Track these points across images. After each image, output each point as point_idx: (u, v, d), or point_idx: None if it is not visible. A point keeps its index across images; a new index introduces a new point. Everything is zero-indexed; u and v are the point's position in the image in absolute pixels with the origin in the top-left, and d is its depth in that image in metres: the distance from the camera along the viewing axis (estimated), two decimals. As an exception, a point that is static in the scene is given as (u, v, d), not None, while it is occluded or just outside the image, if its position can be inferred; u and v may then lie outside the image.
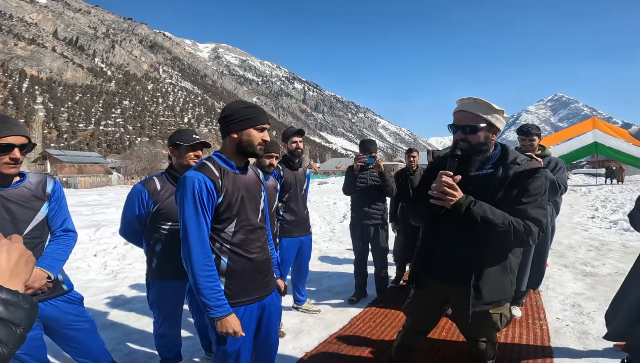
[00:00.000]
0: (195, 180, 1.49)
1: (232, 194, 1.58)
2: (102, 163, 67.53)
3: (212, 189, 1.52)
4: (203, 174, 1.52)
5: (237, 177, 1.63)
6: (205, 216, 1.52)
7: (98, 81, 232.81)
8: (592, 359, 2.56)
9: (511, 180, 1.61)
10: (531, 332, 3.00)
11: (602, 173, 28.46)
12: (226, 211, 1.57)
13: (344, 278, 4.62)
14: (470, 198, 1.58)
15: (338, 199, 13.77)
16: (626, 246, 6.23)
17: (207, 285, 1.48)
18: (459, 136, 1.66)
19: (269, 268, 1.76)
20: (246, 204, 1.64)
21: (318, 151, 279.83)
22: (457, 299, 1.80)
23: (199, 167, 1.56)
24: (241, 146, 1.60)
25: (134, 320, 3.41)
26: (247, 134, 1.59)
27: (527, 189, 1.61)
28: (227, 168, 1.61)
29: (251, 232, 1.66)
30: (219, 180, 1.55)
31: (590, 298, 3.74)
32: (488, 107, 1.64)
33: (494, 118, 1.64)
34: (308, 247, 3.48)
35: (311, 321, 3.33)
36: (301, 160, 3.39)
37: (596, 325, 3.06)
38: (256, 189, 1.73)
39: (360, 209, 3.77)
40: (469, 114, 1.65)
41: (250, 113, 1.59)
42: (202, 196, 1.50)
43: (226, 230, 1.59)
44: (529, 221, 1.58)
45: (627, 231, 7.44)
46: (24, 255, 0.72)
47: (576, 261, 5.26)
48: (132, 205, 2.12)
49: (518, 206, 1.60)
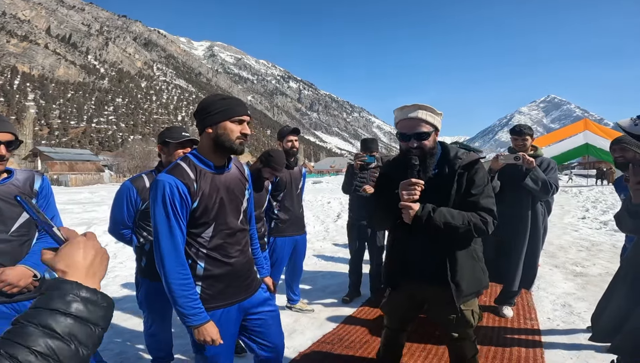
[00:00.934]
0: (166, 185, 1.39)
1: (210, 197, 1.48)
2: (93, 160, 66.88)
3: (185, 194, 1.42)
4: (175, 178, 1.41)
5: (216, 178, 1.52)
6: (178, 222, 1.42)
7: (91, 78, 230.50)
8: (582, 359, 2.59)
9: (458, 175, 1.70)
10: (522, 331, 3.02)
11: (592, 174, 28.83)
12: (203, 215, 1.48)
13: (338, 278, 4.61)
14: (427, 207, 1.63)
15: (332, 199, 13.76)
16: (616, 246, 6.27)
17: (181, 293, 1.41)
18: (413, 144, 1.70)
19: (250, 270, 1.68)
20: (226, 207, 1.53)
21: (312, 151, 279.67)
22: (433, 298, 1.84)
23: (172, 169, 1.45)
24: (218, 142, 1.47)
25: (125, 319, 3.36)
26: (222, 127, 1.46)
27: (474, 181, 1.71)
28: (204, 168, 1.50)
29: (230, 236, 1.56)
30: (194, 183, 1.44)
31: (581, 299, 3.77)
32: (433, 112, 1.71)
33: (437, 121, 1.72)
34: (303, 246, 3.47)
35: (305, 320, 3.31)
36: (297, 159, 3.37)
37: (586, 325, 3.07)
38: (238, 189, 1.62)
39: (359, 210, 3.76)
40: (419, 121, 1.69)
41: (225, 105, 1.47)
42: (174, 202, 1.40)
43: (203, 234, 1.50)
44: (482, 212, 1.69)
45: (617, 232, 7.53)
46: (99, 252, 0.72)
47: (567, 262, 5.30)
48: (120, 203, 2.08)
49: (470, 199, 1.70)
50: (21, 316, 0.60)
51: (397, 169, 1.81)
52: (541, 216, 3.23)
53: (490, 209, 1.71)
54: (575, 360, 2.57)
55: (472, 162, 1.73)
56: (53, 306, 0.60)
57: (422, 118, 1.68)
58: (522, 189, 3.09)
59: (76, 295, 0.63)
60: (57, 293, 0.62)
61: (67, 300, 0.62)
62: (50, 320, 0.59)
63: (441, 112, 1.74)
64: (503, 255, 3.19)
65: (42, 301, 0.61)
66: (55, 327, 0.59)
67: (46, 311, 0.60)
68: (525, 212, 3.13)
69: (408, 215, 1.63)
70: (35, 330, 0.58)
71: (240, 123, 1.49)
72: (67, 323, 0.60)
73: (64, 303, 0.61)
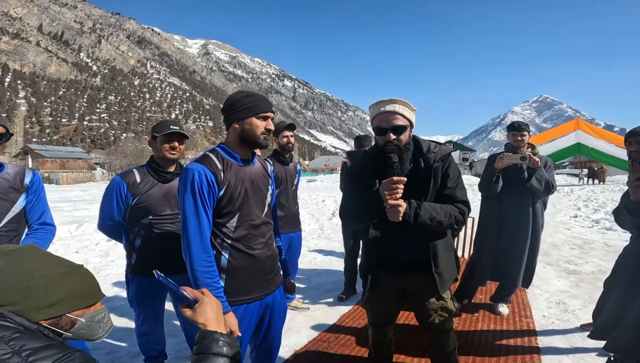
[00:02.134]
0: (195, 172, 1.45)
1: (235, 187, 1.53)
2: (85, 158, 66.21)
3: (212, 182, 1.47)
4: (204, 166, 1.47)
5: (241, 169, 1.58)
6: (206, 209, 1.47)
7: (83, 75, 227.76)
8: (577, 356, 2.59)
9: (434, 169, 1.71)
10: (518, 329, 3.03)
11: (583, 173, 29.20)
12: (228, 204, 1.52)
13: (333, 276, 4.59)
14: (413, 204, 1.63)
15: (327, 197, 13.76)
16: (608, 244, 6.37)
17: (205, 281, 1.43)
18: (390, 137, 1.68)
19: (274, 265, 1.70)
20: (250, 198, 1.58)
21: (307, 149, 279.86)
22: (414, 290, 1.85)
23: (201, 159, 1.52)
24: (243, 136, 1.55)
25: (117, 318, 3.31)
26: (248, 123, 1.54)
27: (449, 174, 1.74)
28: (231, 160, 1.56)
29: (254, 228, 1.59)
30: (221, 172, 1.50)
31: (575, 296, 3.80)
32: (409, 107, 1.71)
33: (412, 117, 1.73)
34: (298, 244, 3.44)
35: (300, 319, 3.29)
36: (292, 155, 3.34)
37: (580, 324, 3.09)
38: (262, 183, 1.66)
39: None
40: (396, 115, 1.68)
41: (250, 102, 1.54)
42: (202, 189, 1.45)
43: (228, 224, 1.54)
44: (459, 204, 1.72)
45: (608, 230, 7.62)
46: (218, 305, 0.98)
47: (560, 260, 5.35)
48: (110, 198, 2.03)
49: (445, 192, 1.73)
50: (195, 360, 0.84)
51: (371, 164, 1.79)
52: (540, 214, 3.24)
53: (465, 201, 1.75)
54: (571, 358, 2.58)
55: (445, 155, 1.76)
56: (214, 350, 0.85)
57: (398, 111, 1.68)
58: (522, 188, 3.09)
59: (223, 340, 0.87)
60: (211, 341, 0.86)
61: (220, 345, 0.86)
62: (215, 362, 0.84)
63: (415, 109, 1.75)
64: (505, 255, 3.20)
65: (204, 347, 0.86)
66: None
67: (211, 355, 0.84)
68: (526, 211, 3.14)
69: (397, 214, 1.61)
70: None
71: (264, 119, 1.56)
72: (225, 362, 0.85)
73: (219, 347, 0.86)
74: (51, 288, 0.86)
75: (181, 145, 2.11)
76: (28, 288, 0.83)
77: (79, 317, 0.91)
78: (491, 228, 3.26)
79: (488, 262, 3.27)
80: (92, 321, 0.95)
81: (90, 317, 0.94)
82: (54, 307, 0.86)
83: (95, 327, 0.95)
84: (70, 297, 0.89)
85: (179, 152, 2.11)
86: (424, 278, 1.76)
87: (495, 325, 3.10)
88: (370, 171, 1.79)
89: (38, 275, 0.85)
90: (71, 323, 0.90)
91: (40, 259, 0.89)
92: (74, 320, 0.91)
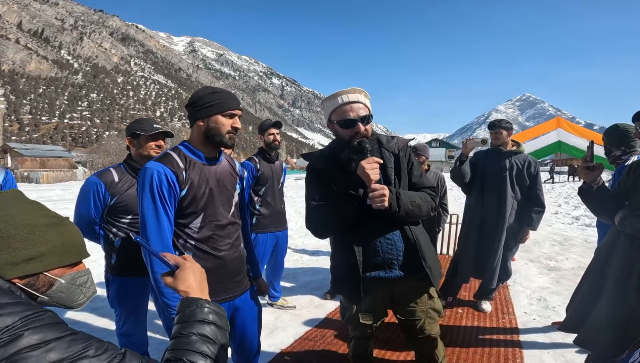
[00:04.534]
0: (154, 171, 1.39)
1: (199, 187, 1.47)
2: (66, 156, 64.60)
3: (173, 182, 1.41)
4: (164, 166, 1.41)
5: (206, 168, 1.52)
6: (166, 209, 1.40)
7: (64, 73, 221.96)
8: (557, 352, 2.64)
9: (400, 157, 1.66)
10: (501, 326, 3.07)
11: (565, 170, 29.93)
12: (191, 204, 1.46)
13: (320, 274, 4.59)
14: (392, 189, 1.54)
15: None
16: (588, 241, 6.52)
17: None
18: (360, 128, 1.57)
19: (241, 267, 1.63)
20: (215, 198, 1.52)
21: (295, 147, 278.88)
22: (404, 293, 1.69)
23: (161, 158, 1.45)
24: (208, 135, 1.48)
25: (97, 319, 3.24)
26: (213, 121, 1.46)
27: (412, 162, 1.70)
28: (194, 158, 1.50)
29: (220, 228, 1.53)
30: (183, 171, 1.43)
31: (555, 293, 3.87)
32: (367, 97, 1.64)
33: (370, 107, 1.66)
34: (284, 242, 3.42)
35: (286, 317, 3.27)
36: (278, 153, 3.32)
37: (561, 320, 3.15)
38: (229, 182, 1.60)
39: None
40: (361, 105, 1.59)
41: (217, 98, 1.46)
42: (161, 189, 1.38)
43: (191, 225, 1.47)
44: (428, 190, 1.68)
45: (588, 227, 7.82)
46: (201, 272, 0.89)
47: (541, 256, 5.45)
48: (86, 199, 1.96)
49: (414, 180, 1.68)
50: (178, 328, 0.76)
51: (331, 163, 1.65)
52: (514, 211, 3.24)
53: (433, 187, 1.71)
54: (552, 354, 2.62)
55: (405, 144, 1.71)
56: (198, 317, 0.77)
57: (362, 101, 1.59)
58: (500, 186, 3.15)
59: (209, 307, 0.79)
60: (195, 308, 0.78)
61: (205, 312, 0.78)
62: (202, 330, 0.76)
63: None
64: (484, 253, 3.23)
65: (187, 315, 0.78)
66: (208, 334, 0.76)
67: (195, 323, 0.76)
68: (503, 208, 3.17)
69: (382, 200, 1.48)
70: (197, 338, 0.75)
71: (231, 117, 1.49)
72: (212, 330, 0.77)
73: (204, 314, 0.78)
74: (32, 239, 0.75)
75: (164, 143, 2.08)
76: (6, 237, 0.72)
77: (59, 277, 0.81)
78: (473, 226, 3.30)
79: (470, 259, 3.32)
80: (73, 284, 0.84)
81: (72, 279, 0.83)
82: (31, 262, 0.75)
83: (75, 290, 0.85)
84: (52, 252, 0.78)
85: (162, 150, 2.07)
86: (414, 278, 1.64)
87: (478, 321, 3.15)
88: (332, 170, 1.64)
89: (20, 223, 0.75)
90: (49, 284, 0.80)
91: (22, 205, 0.79)
92: (53, 281, 0.80)
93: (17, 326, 0.62)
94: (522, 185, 3.20)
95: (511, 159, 3.20)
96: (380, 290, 1.68)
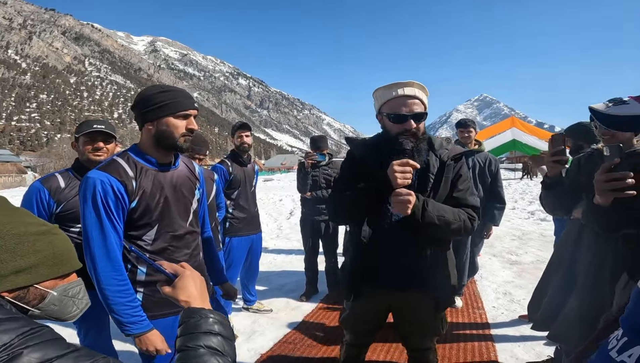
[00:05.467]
0: (97, 182, 1.24)
1: (152, 196, 1.34)
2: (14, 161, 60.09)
3: (121, 193, 1.27)
4: (108, 175, 1.26)
5: (160, 175, 1.38)
6: (113, 223, 1.27)
7: (11, 73, 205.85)
8: (527, 344, 2.75)
9: (447, 167, 1.53)
10: (473, 321, 3.17)
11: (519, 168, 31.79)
12: (144, 216, 1.33)
13: (294, 276, 4.57)
14: (420, 197, 1.41)
15: (284, 196, 13.69)
16: (543, 234, 6.89)
17: (118, 301, 1.26)
18: (411, 125, 1.44)
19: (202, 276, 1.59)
20: (171, 207, 1.40)
21: (263, 148, 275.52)
22: (402, 305, 1.61)
23: (106, 166, 1.30)
24: (159, 138, 1.33)
25: (61, 330, 3.04)
26: (164, 123, 1.31)
27: (461, 175, 1.56)
28: (146, 164, 1.35)
29: (177, 239, 1.42)
30: (132, 181, 1.30)
31: (519, 286, 4.04)
32: (426, 92, 1.52)
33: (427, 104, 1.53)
34: (258, 245, 3.38)
35: (263, 321, 3.24)
36: (250, 156, 3.29)
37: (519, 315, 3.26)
38: (187, 188, 1.48)
39: (313, 206, 3.75)
40: (415, 100, 1.46)
41: (167, 98, 1.31)
42: (106, 201, 1.25)
43: (144, 237, 1.35)
44: (468, 209, 1.52)
45: (543, 221, 8.29)
46: (201, 280, 0.85)
47: (503, 250, 5.70)
48: (29, 207, 1.79)
49: (456, 194, 1.53)
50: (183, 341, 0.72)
51: (374, 154, 1.53)
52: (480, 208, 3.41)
53: (476, 207, 1.55)
54: (523, 347, 2.72)
55: (459, 154, 1.57)
56: (203, 329, 0.73)
57: (418, 96, 1.45)
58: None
59: (214, 318, 0.76)
60: (199, 319, 0.74)
61: (210, 322, 0.75)
62: (209, 342, 0.72)
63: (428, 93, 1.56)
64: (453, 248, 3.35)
65: (192, 326, 0.73)
66: (216, 345, 0.72)
67: (201, 335, 0.72)
68: None
69: (405, 206, 1.35)
70: (205, 351, 0.71)
71: (185, 118, 1.34)
72: (219, 341, 0.73)
73: (209, 325, 0.74)
74: (20, 250, 0.70)
75: (107, 145, 1.90)
76: None
77: (50, 289, 0.76)
78: None
79: None
80: (66, 295, 0.80)
81: (64, 290, 0.79)
82: (20, 275, 0.70)
83: (68, 302, 0.80)
84: (42, 263, 0.74)
85: (106, 153, 1.91)
86: (418, 295, 1.53)
87: (451, 317, 3.24)
88: (369, 161, 1.53)
89: (6, 232, 0.70)
90: (40, 296, 0.75)
91: (7, 213, 0.73)
92: (44, 293, 0.75)
93: (14, 344, 0.58)
94: (484, 183, 3.34)
95: (474, 157, 3.33)
96: (382, 298, 1.60)
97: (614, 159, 1.30)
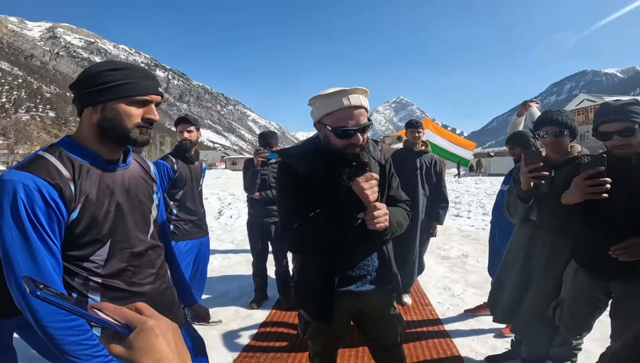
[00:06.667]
0: (19, 187, 0.91)
1: (99, 203, 1.03)
2: None
3: (54, 201, 0.94)
4: (35, 177, 0.93)
5: (107, 176, 1.07)
6: (45, 241, 0.94)
7: None
8: (481, 337, 2.85)
9: (386, 168, 1.52)
10: (425, 318, 3.22)
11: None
12: (89, 231, 1.02)
13: (236, 281, 4.26)
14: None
15: (209, 195, 12.93)
16: (461, 229, 7.47)
17: (70, 340, 0.95)
18: (357, 140, 1.32)
19: (172, 300, 1.28)
20: (126, 216, 1.10)
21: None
22: (371, 304, 1.56)
23: (29, 164, 0.96)
24: (104, 128, 1.02)
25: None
26: (113, 109, 1.01)
27: (393, 173, 1.57)
28: (86, 162, 1.04)
29: (137, 257, 1.13)
30: (69, 184, 0.98)
31: (454, 281, 4.25)
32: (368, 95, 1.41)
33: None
34: (207, 249, 3.05)
35: (214, 334, 2.93)
36: (198, 152, 2.95)
37: (468, 306, 3.41)
38: (143, 191, 1.19)
39: (262, 207, 3.51)
40: (363, 110, 1.35)
41: (120, 78, 1.01)
42: (34, 213, 0.92)
43: (93, 257, 1.04)
44: (403, 204, 1.57)
45: (457, 217, 8.89)
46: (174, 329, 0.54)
47: (432, 245, 5.88)
48: None
49: (392, 193, 1.54)
50: None
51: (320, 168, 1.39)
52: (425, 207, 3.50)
53: (408, 201, 1.61)
54: (477, 340, 2.81)
55: (390, 153, 1.60)
56: None
57: (364, 105, 1.34)
58: (413, 184, 3.33)
59: None
60: None
61: None
62: None
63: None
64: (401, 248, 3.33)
65: None
66: None
67: None
68: (416, 205, 3.33)
69: (383, 221, 1.30)
70: None
71: (143, 104, 1.05)
72: None
73: None
74: None
75: None
76: None
77: None
78: None
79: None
80: None
81: None
82: None
83: None
84: None
85: None
86: (383, 290, 1.54)
87: (405, 315, 3.24)
88: (315, 174, 1.39)
89: None
90: None
91: None
92: None
93: None
94: (430, 183, 3.48)
95: (421, 158, 3.46)
96: (348, 304, 1.53)
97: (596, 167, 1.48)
